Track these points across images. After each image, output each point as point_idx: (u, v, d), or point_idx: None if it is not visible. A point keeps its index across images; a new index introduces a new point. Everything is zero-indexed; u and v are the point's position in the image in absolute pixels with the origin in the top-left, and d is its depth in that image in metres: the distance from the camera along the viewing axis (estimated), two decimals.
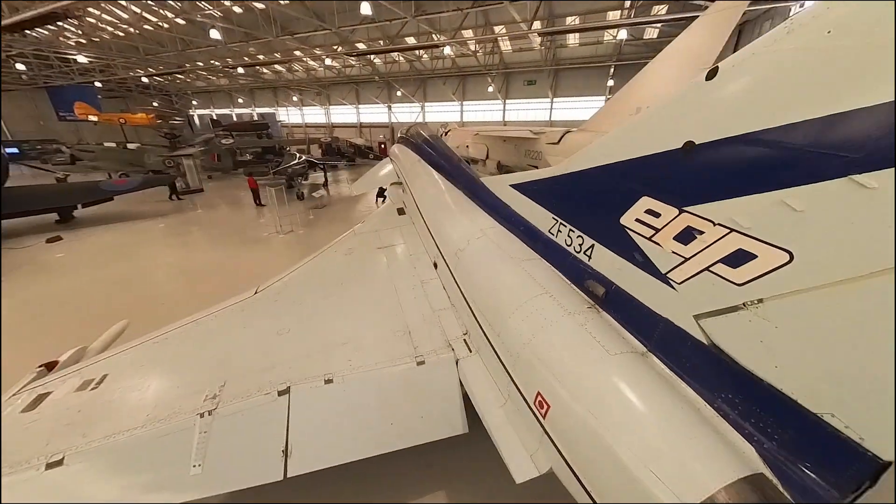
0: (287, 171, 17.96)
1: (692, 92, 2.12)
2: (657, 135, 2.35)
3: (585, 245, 3.08)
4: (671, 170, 2.26)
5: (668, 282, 2.32)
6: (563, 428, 2.30)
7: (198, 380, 3.02)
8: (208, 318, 3.85)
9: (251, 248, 10.84)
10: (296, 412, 2.89)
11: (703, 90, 2.04)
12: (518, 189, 4.25)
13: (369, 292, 4.65)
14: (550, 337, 2.65)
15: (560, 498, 2.46)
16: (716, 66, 1.97)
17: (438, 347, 3.66)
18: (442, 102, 37.42)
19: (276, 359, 3.32)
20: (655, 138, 2.36)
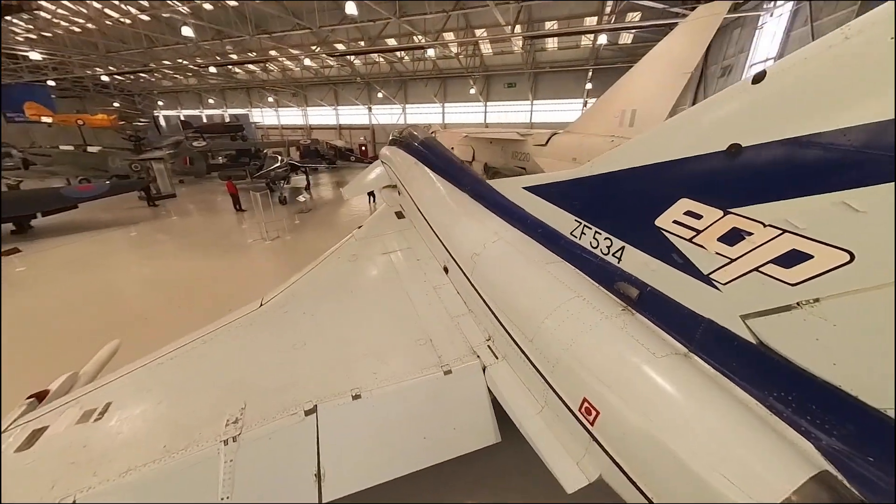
0: (269, 175, 17.29)
1: (736, 95, 2.15)
2: (697, 138, 2.37)
3: (615, 247, 3.08)
4: (714, 172, 2.27)
5: (711, 283, 2.34)
6: (616, 435, 2.27)
7: (215, 403, 2.79)
8: (215, 334, 3.59)
9: (237, 257, 10.32)
10: (325, 432, 2.72)
11: (749, 93, 2.06)
12: (533, 191, 4.23)
13: (382, 300, 4.49)
14: (592, 341, 2.62)
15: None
16: (763, 71, 2.00)
17: (463, 355, 3.58)
18: (423, 104, 37.31)
19: (297, 375, 3.13)
20: (695, 141, 2.38)
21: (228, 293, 7.89)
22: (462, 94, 34.87)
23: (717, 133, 2.23)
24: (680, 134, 2.54)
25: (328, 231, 13.02)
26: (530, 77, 30.95)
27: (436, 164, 7.01)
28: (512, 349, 3.34)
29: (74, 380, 3.11)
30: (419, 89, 36.02)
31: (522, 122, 33.93)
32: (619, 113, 11.63)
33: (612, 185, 3.09)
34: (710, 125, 2.31)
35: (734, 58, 14.51)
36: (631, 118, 11.25)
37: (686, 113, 2.56)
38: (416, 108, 38.08)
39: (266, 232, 11.81)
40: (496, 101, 34.70)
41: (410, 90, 36.82)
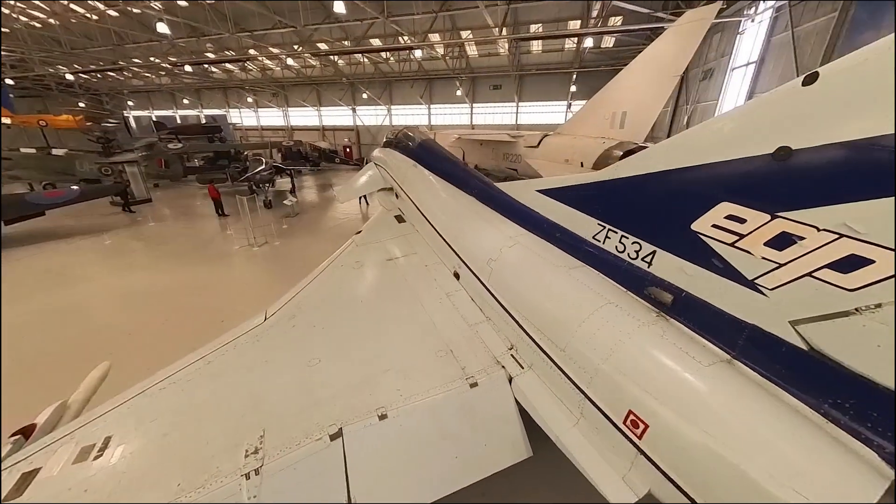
0: (255, 178, 16.65)
1: (784, 97, 2.11)
2: (738, 141, 2.33)
3: (644, 252, 3.02)
4: (759, 175, 2.23)
5: (756, 288, 2.29)
6: (669, 449, 2.18)
7: (229, 431, 2.54)
8: (219, 353, 3.31)
9: (225, 265, 9.81)
10: (353, 457, 2.53)
11: (799, 95, 2.02)
12: (549, 195, 4.15)
13: (395, 309, 4.30)
14: (633, 351, 2.54)
15: None
16: (815, 72, 1.96)
17: (487, 365, 3.44)
18: (409, 105, 37.04)
19: (316, 396, 2.91)
20: (736, 144, 2.34)
21: (219, 304, 7.46)
22: (448, 95, 34.83)
23: (763, 136, 2.19)
24: (718, 137, 2.49)
25: (318, 236, 12.61)
26: (516, 79, 31.22)
27: (437, 167, 6.86)
28: (539, 358, 3.23)
29: (63, 410, 2.78)
30: (405, 90, 35.75)
31: (508, 123, 34.20)
32: (610, 115, 11.81)
33: (642, 188, 3.03)
34: (754, 128, 2.26)
35: (715, 61, 15.05)
36: (622, 120, 11.44)
37: (724, 116, 2.52)
38: (402, 110, 37.79)
39: (254, 238, 11.31)
40: (482, 102, 34.86)
41: (396, 91, 36.50)
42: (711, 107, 14.93)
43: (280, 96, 41.89)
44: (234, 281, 8.80)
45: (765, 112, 2.22)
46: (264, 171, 16.81)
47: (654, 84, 10.33)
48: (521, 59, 29.69)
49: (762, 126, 2.21)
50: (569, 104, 31.82)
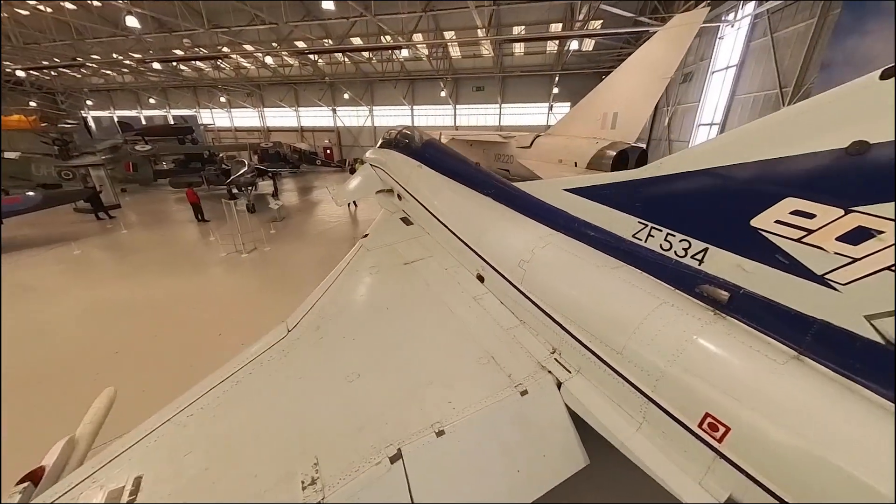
0: (239, 181, 15.82)
1: (859, 91, 2.10)
2: (805, 135, 2.31)
3: (694, 249, 2.98)
4: (831, 170, 2.21)
5: (826, 283, 2.27)
6: (755, 451, 2.12)
7: (278, 460, 2.28)
8: (246, 372, 3.01)
9: (213, 274, 9.18)
10: (416, 479, 2.33)
11: (877, 90, 2.01)
12: (579, 193, 4.08)
13: (423, 315, 4.11)
14: (703, 352, 2.48)
15: None
16: (892, 66, 1.96)
17: (533, 371, 3.32)
18: (391, 106, 36.60)
19: (364, 414, 2.68)
20: (803, 139, 2.32)
21: (213, 316, 6.93)
22: (431, 96, 34.68)
23: (834, 131, 2.17)
24: (780, 132, 2.47)
25: (309, 240, 12.10)
26: (499, 81, 31.49)
27: (446, 168, 6.69)
28: (589, 362, 3.14)
29: (72, 448, 2.41)
30: (387, 91, 35.27)
31: (492, 124, 34.44)
32: (602, 115, 12.02)
33: (691, 185, 2.99)
34: (823, 124, 2.25)
35: (695, 65, 15.75)
36: (613, 120, 11.67)
37: (786, 112, 2.50)
38: (384, 111, 37.28)
39: (243, 244, 10.68)
40: (465, 104, 34.93)
41: (378, 92, 35.95)
42: (693, 108, 15.57)
43: (255, 96, 40.36)
44: (226, 290, 8.22)
45: (834, 108, 2.21)
46: (247, 173, 16.03)
47: (645, 85, 10.60)
48: (503, 61, 29.97)
49: (832, 121, 2.20)
50: (550, 106, 32.43)
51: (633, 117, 11.18)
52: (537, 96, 32.61)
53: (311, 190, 23.99)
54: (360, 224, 14.40)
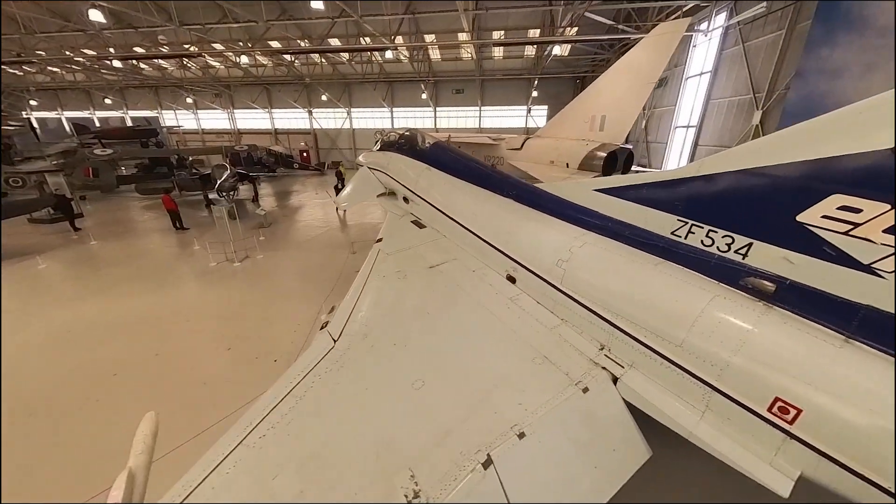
0: (224, 186, 14.95)
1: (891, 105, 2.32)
2: (853, 136, 2.51)
3: (737, 244, 3.16)
4: (877, 168, 2.41)
5: (873, 272, 2.48)
6: (829, 430, 2.28)
7: (373, 476, 2.19)
8: (304, 387, 2.86)
9: (205, 285, 8.60)
10: (509, 483, 2.32)
11: None
12: (611, 193, 4.21)
13: (466, 318, 4.09)
14: (766, 340, 2.63)
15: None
16: None
17: (587, 369, 3.39)
18: (370, 108, 36.11)
19: (441, 421, 2.64)
20: (848, 140, 2.52)
21: (216, 330, 6.50)
22: (410, 98, 34.58)
23: (880, 132, 2.39)
24: (824, 134, 2.67)
25: (303, 247, 11.67)
26: (479, 84, 31.90)
27: (459, 170, 6.69)
28: (644, 356, 3.24)
29: (133, 481, 2.19)
30: (366, 93, 34.78)
31: (472, 126, 34.83)
32: (590, 118, 12.48)
33: (735, 183, 3.17)
34: (868, 126, 2.45)
35: (669, 71, 16.75)
36: (601, 123, 12.14)
37: (830, 116, 2.71)
38: (362, 113, 36.73)
39: (234, 251, 10.11)
40: (445, 106, 35.10)
41: (356, 94, 35.37)
42: (669, 112, 16.53)
43: (224, 97, 38.51)
44: (225, 302, 7.73)
45: (880, 111, 2.43)
46: (230, 178, 15.22)
47: (632, 90, 11.11)
48: (483, 64, 30.40)
49: (878, 124, 2.41)
50: (528, 109, 33.24)
51: (620, 120, 11.67)
52: (516, 99, 33.35)
53: (291, 194, 23.19)
54: (353, 229, 14.08)
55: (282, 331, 6.45)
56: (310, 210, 17.61)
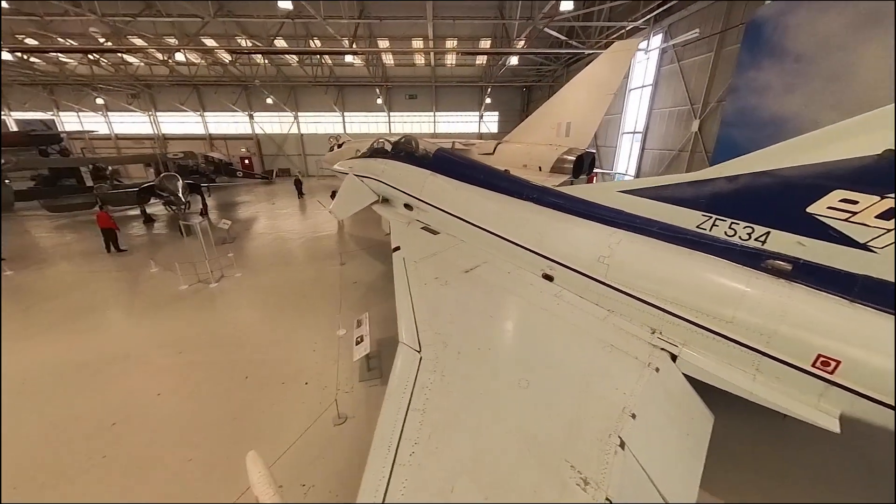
0: (170, 199, 13.06)
1: (883, 118, 3.05)
2: (849, 146, 3.23)
3: (757, 233, 3.82)
4: (869, 169, 3.14)
5: (868, 249, 3.22)
6: (862, 374, 2.90)
7: (541, 471, 2.29)
8: (419, 400, 2.83)
9: (186, 311, 7.44)
10: (642, 458, 2.58)
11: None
12: (636, 194, 4.74)
13: (526, 317, 4.32)
14: (804, 309, 3.25)
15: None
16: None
17: (649, 351, 3.80)
18: (318, 112, 34.49)
19: (561, 412, 2.82)
20: (844, 148, 3.24)
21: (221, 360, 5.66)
22: (363, 102, 33.78)
23: (868, 142, 3.12)
24: (825, 143, 3.38)
25: (283, 261, 10.80)
26: (432, 89, 32.32)
27: (472, 176, 6.86)
28: (695, 334, 3.75)
29: None
30: (314, 96, 33.12)
31: (427, 132, 35.13)
32: (556, 125, 13.50)
33: (753, 183, 3.82)
34: (860, 135, 3.19)
35: None
36: (567, 129, 13.20)
37: (828, 129, 3.43)
38: (310, 117, 34.92)
39: (210, 271, 9.01)
40: (398, 111, 34.91)
41: (304, 97, 33.49)
42: (616, 119, 18.51)
43: (144, 97, 33.90)
44: (218, 327, 6.78)
45: (868, 127, 3.16)
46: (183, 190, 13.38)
47: (594, 99, 12.28)
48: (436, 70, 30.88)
49: (867, 135, 3.15)
50: (481, 115, 34.53)
51: (584, 126, 12.81)
52: (468, 105, 34.42)
53: (240, 206, 21.24)
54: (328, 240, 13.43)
55: (300, 351, 6.00)
56: (272, 221, 16.33)
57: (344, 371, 5.58)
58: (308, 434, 4.43)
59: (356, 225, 15.38)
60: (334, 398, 4.74)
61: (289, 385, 5.15)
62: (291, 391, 5.05)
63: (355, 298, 8.05)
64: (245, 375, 5.33)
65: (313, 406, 4.84)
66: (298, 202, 21.80)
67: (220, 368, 5.49)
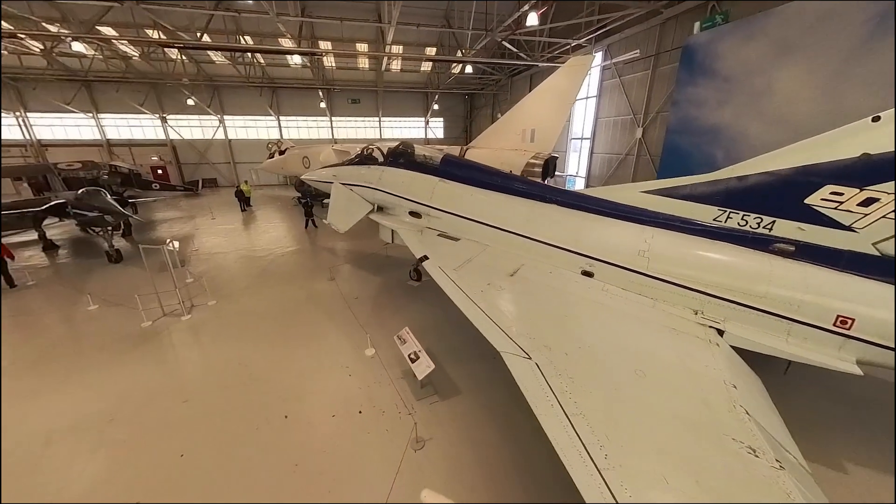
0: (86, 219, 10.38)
1: (861, 129, 3.98)
2: (833, 150, 4.13)
3: (765, 222, 4.65)
4: (851, 168, 4.06)
5: (851, 229, 4.17)
6: (871, 326, 3.74)
7: (720, 451, 2.51)
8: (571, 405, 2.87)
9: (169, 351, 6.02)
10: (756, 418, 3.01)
11: (871, 127, 3.92)
12: (658, 194, 5.38)
13: (591, 312, 4.60)
14: (819, 280, 4.06)
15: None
16: (878, 115, 3.90)
17: (701, 329, 4.36)
18: (248, 116, 31.30)
19: (690, 393, 3.14)
20: (832, 152, 4.14)
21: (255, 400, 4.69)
22: (300, 106, 31.58)
23: (850, 147, 4.05)
24: (814, 149, 4.27)
25: (260, 283, 9.50)
26: (376, 94, 31.63)
27: (488, 181, 6.98)
28: (733, 310, 4.41)
29: None
30: (243, 98, 29.96)
31: (373, 137, 34.26)
32: (521, 131, 14.38)
33: (761, 181, 4.62)
34: (844, 143, 4.11)
35: None
36: (531, 135, 14.15)
37: (821, 136, 4.31)
38: (239, 120, 31.50)
39: (181, 301, 7.51)
40: (340, 115, 33.41)
41: (231, 99, 30.02)
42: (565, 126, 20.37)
43: (8, 93, 27.08)
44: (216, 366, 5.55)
45: (849, 135, 4.08)
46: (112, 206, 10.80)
47: (555, 108, 13.39)
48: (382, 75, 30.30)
49: (850, 142, 4.06)
50: (427, 121, 34.85)
51: (547, 132, 13.86)
52: (413, 111, 34.48)
53: (166, 223, 18.23)
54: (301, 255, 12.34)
55: (334, 378, 5.39)
56: (223, 239, 14.27)
57: (401, 392, 5.25)
58: (389, 463, 4.08)
59: (328, 237, 14.39)
60: (413, 422, 4.42)
61: (341, 417, 4.65)
62: (346, 423, 4.57)
63: (366, 315, 7.55)
64: (284, 415, 4.66)
65: (381, 434, 4.46)
66: (242, 216, 19.51)
67: (246, 412, 4.69)
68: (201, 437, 4.39)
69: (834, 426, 4.83)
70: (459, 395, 5.14)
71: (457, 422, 4.61)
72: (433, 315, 7.58)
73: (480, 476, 3.95)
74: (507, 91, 28.68)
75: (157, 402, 4.97)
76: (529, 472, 3.98)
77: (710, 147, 9.95)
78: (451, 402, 4.98)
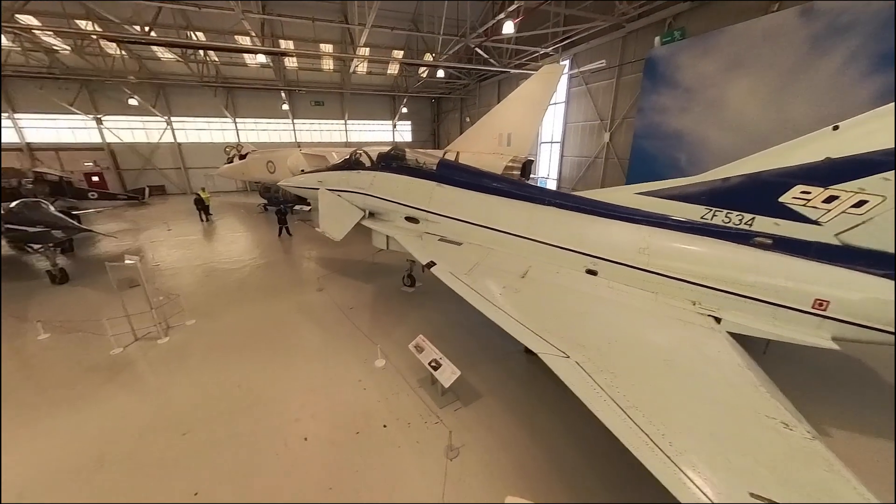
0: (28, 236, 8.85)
1: (822, 136, 4.61)
2: (801, 154, 4.73)
3: (745, 219, 5.20)
4: (817, 170, 4.68)
5: (817, 223, 4.80)
6: (847, 307, 4.32)
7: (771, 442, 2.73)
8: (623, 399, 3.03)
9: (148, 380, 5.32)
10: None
11: (831, 135, 4.55)
12: (651, 195, 5.81)
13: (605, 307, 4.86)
14: (799, 269, 4.61)
15: None
16: (837, 125, 4.53)
17: (702, 318, 4.77)
18: (202, 118, 29.06)
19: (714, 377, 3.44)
20: (801, 156, 4.74)
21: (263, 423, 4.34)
22: (259, 108, 29.88)
23: (815, 152, 4.66)
24: (786, 153, 4.86)
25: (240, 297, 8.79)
26: (344, 97, 30.78)
27: (487, 185, 7.09)
28: (727, 300, 4.88)
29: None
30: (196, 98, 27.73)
31: (339, 140, 33.29)
32: (498, 135, 14.79)
33: (741, 183, 5.16)
34: (810, 147, 4.71)
35: None
36: (508, 139, 14.59)
37: (787, 144, 4.91)
38: (191, 123, 29.12)
39: (157, 323, 6.70)
40: (303, 118, 32.06)
41: (181, 99, 27.63)
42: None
43: None
44: (209, 393, 4.96)
45: (814, 142, 4.70)
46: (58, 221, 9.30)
47: (529, 113, 13.92)
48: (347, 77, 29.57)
49: (814, 147, 4.68)
50: (394, 124, 34.51)
51: (523, 136, 14.37)
52: (380, 114, 34.00)
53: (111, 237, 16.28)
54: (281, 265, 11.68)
55: (348, 393, 5.14)
56: (186, 251, 13.03)
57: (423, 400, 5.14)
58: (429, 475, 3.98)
59: (304, 245, 13.74)
60: (448, 430, 4.34)
61: (365, 433, 4.46)
62: (373, 438, 4.40)
63: (367, 325, 7.32)
64: (303, 437, 4.38)
65: (412, 446, 4.35)
66: (203, 226, 18.03)
67: (257, 439, 4.34)
68: (212, 471, 4.00)
69: (813, 397, 5.50)
70: (481, 399, 5.17)
71: (484, 426, 4.64)
72: (435, 320, 7.54)
73: (522, 479, 4.00)
74: (476, 95, 29.26)
75: (151, 437, 4.44)
76: (569, 471, 4.10)
77: (674, 151, 10.92)
78: (475, 407, 5.00)
